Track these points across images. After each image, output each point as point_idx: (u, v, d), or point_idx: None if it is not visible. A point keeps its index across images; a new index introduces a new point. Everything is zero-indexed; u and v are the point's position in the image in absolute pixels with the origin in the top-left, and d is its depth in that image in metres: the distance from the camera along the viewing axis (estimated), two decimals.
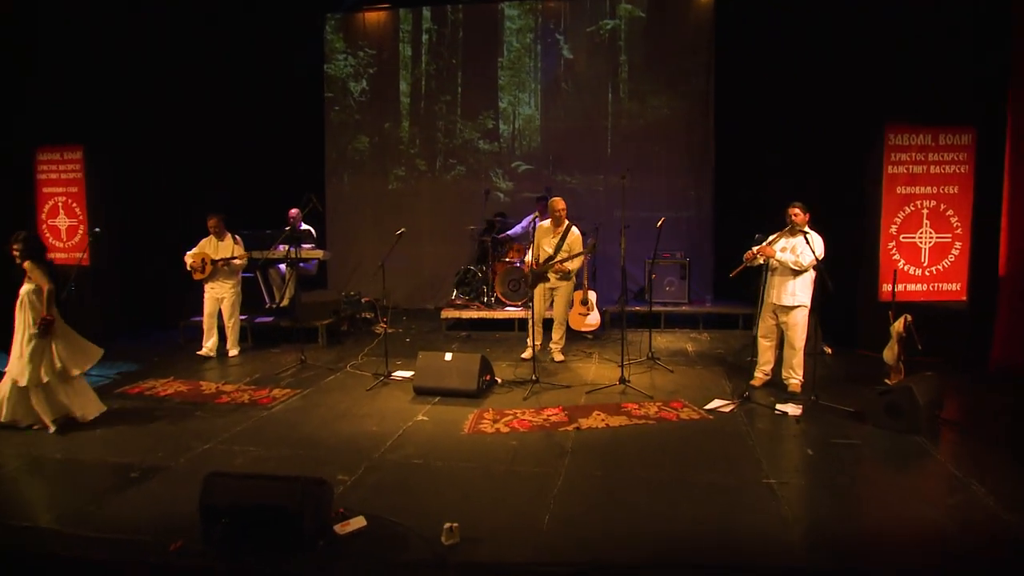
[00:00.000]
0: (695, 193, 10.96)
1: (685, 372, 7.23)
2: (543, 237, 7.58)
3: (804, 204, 6.21)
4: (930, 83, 7.61)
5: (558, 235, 7.54)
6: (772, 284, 6.23)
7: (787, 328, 6.28)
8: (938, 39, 7.55)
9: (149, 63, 9.83)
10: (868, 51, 8.07)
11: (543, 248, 7.56)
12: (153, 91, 9.89)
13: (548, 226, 7.62)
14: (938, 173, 7.73)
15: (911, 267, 7.82)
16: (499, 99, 11.46)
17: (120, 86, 9.66)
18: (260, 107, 11.29)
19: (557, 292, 7.64)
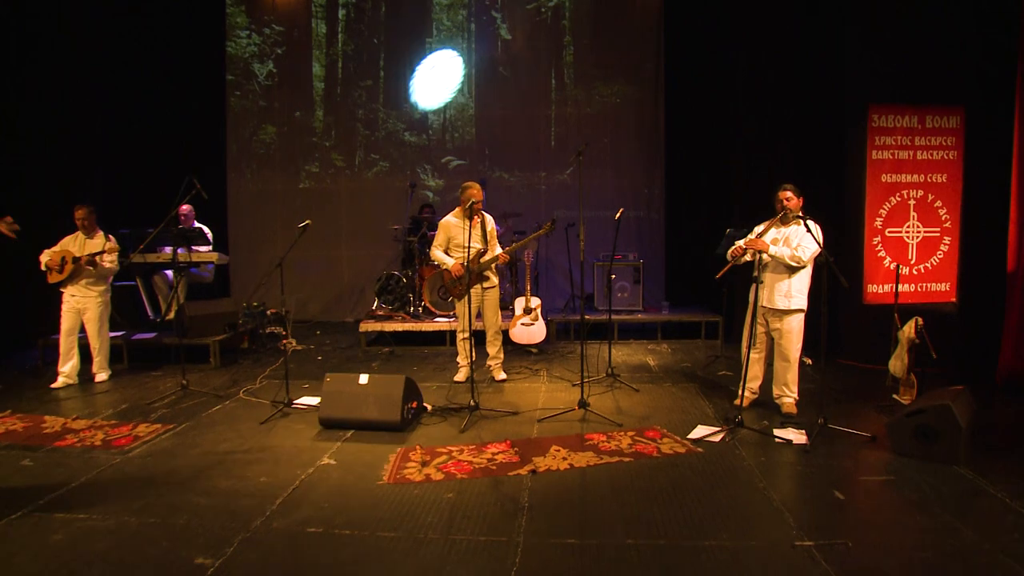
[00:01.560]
0: (647, 190, 9.92)
1: (653, 391, 6.06)
2: (459, 232, 6.29)
3: (796, 186, 5.16)
4: (915, 57, 6.74)
5: (478, 225, 6.27)
6: (761, 284, 5.14)
7: (779, 336, 5.19)
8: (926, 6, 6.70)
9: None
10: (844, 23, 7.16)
11: (458, 244, 6.28)
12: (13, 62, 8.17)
13: (458, 219, 6.32)
14: (925, 159, 6.86)
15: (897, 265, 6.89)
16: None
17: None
18: (150, 88, 9.69)
19: (488, 296, 6.37)
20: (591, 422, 5.14)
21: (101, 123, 9.38)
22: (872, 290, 6.86)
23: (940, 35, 6.66)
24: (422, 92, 10.16)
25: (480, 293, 6.36)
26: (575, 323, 8.34)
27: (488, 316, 6.44)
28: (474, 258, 6.24)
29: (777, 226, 5.19)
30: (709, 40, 8.90)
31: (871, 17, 6.86)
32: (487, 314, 6.44)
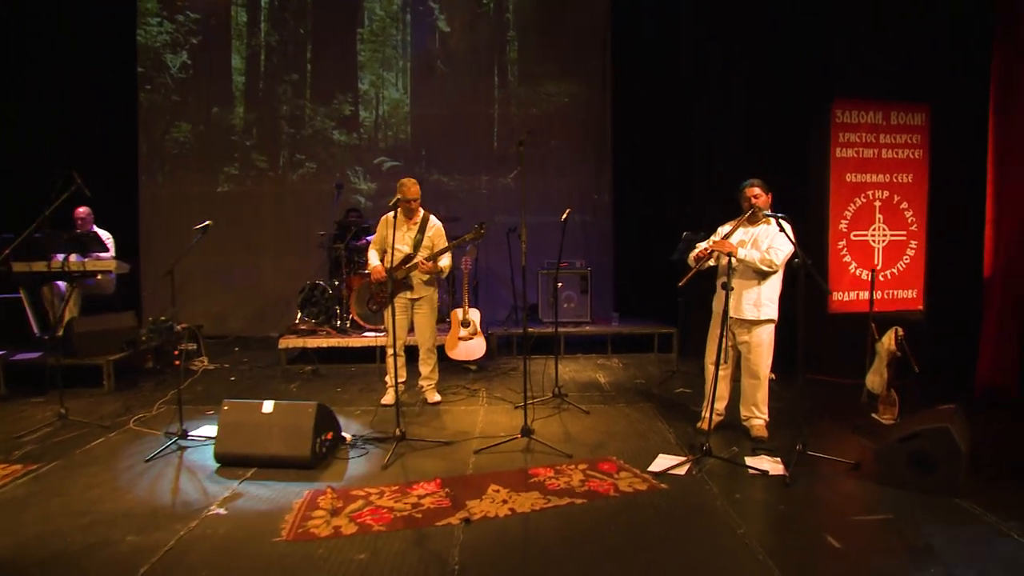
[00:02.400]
0: (596, 194, 9.32)
1: (605, 414, 5.39)
2: (390, 231, 5.57)
3: (764, 182, 4.59)
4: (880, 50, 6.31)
5: (414, 227, 5.57)
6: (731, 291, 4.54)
7: (747, 351, 4.60)
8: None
9: None
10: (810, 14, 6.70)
11: (396, 246, 5.56)
12: None
13: (396, 217, 5.60)
14: (891, 158, 6.41)
15: (863, 271, 6.43)
16: (359, 79, 9.39)
17: None
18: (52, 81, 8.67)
19: (420, 307, 5.63)
20: (536, 452, 4.44)
21: None
22: (838, 298, 6.37)
23: (906, 28, 6.25)
24: (353, 86, 9.37)
25: (408, 305, 5.62)
26: (518, 336, 7.65)
27: (420, 331, 5.70)
28: (398, 264, 5.51)
29: (744, 226, 4.61)
30: (661, 35, 8.39)
31: (837, 7, 6.41)
32: (418, 329, 5.70)
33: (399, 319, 5.62)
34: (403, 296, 5.61)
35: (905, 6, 6.32)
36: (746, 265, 4.43)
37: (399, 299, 5.60)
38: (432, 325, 5.70)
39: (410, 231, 5.58)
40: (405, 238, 5.57)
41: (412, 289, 5.57)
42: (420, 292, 5.59)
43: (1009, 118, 5.32)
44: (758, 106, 6.86)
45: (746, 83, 6.92)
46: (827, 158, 6.32)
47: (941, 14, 6.21)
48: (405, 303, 5.61)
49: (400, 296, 5.61)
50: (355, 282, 7.62)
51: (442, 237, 5.63)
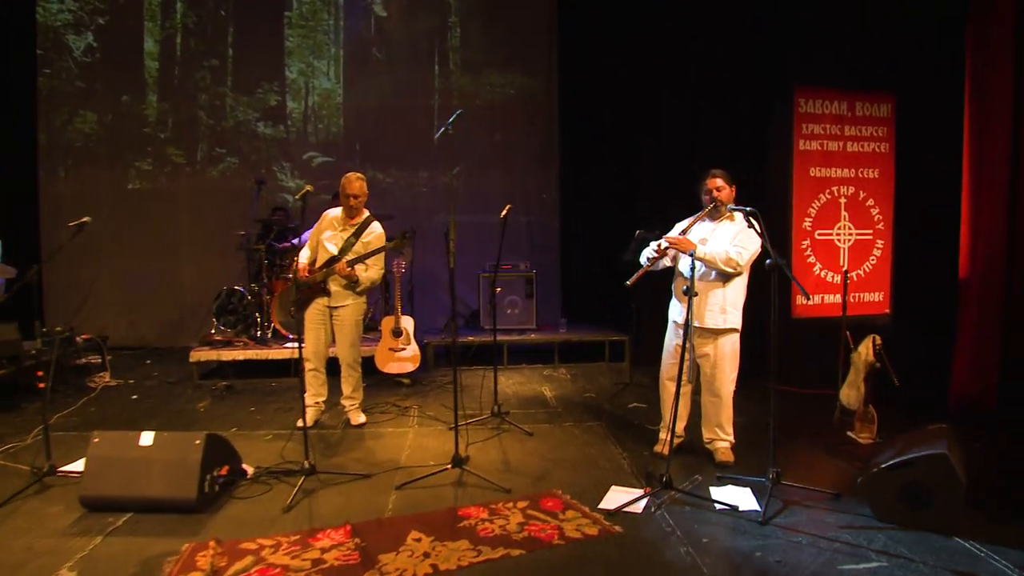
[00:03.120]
0: (542, 192, 8.74)
1: (551, 435, 4.79)
2: (326, 230, 4.92)
3: (728, 172, 4.05)
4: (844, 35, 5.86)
5: (351, 229, 4.91)
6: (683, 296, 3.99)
7: (710, 365, 4.04)
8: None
9: None
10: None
11: (323, 246, 4.89)
12: None
13: (336, 217, 4.96)
14: (856, 152, 5.99)
15: (829, 273, 5.98)
16: (286, 67, 8.62)
17: None
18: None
19: (339, 317, 4.96)
20: (469, 486, 3.80)
21: None
22: (802, 302, 5.90)
23: (871, 11, 5.81)
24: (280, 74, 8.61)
25: (325, 313, 4.93)
26: (458, 345, 6.98)
27: (339, 344, 5.01)
28: (320, 265, 4.84)
29: (705, 220, 4.06)
30: (610, 22, 7.83)
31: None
32: (339, 342, 5.02)
33: (314, 329, 4.94)
34: (320, 303, 4.92)
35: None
36: (707, 265, 3.87)
37: (316, 306, 4.92)
38: (353, 338, 5.02)
39: (344, 232, 4.91)
40: (336, 238, 4.89)
41: (329, 295, 4.89)
42: (340, 300, 4.91)
43: (987, 107, 4.90)
44: (715, 95, 6.35)
45: (702, 70, 6.41)
46: (790, 151, 5.85)
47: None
48: (323, 311, 4.93)
49: (317, 303, 4.93)
50: (277, 287, 6.87)
51: (381, 242, 4.96)
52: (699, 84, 6.50)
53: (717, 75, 6.38)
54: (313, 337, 4.96)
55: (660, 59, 6.71)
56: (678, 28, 6.56)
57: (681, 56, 6.53)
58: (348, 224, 4.89)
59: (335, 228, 4.88)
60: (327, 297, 4.89)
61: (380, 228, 5.00)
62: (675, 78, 6.64)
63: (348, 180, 4.80)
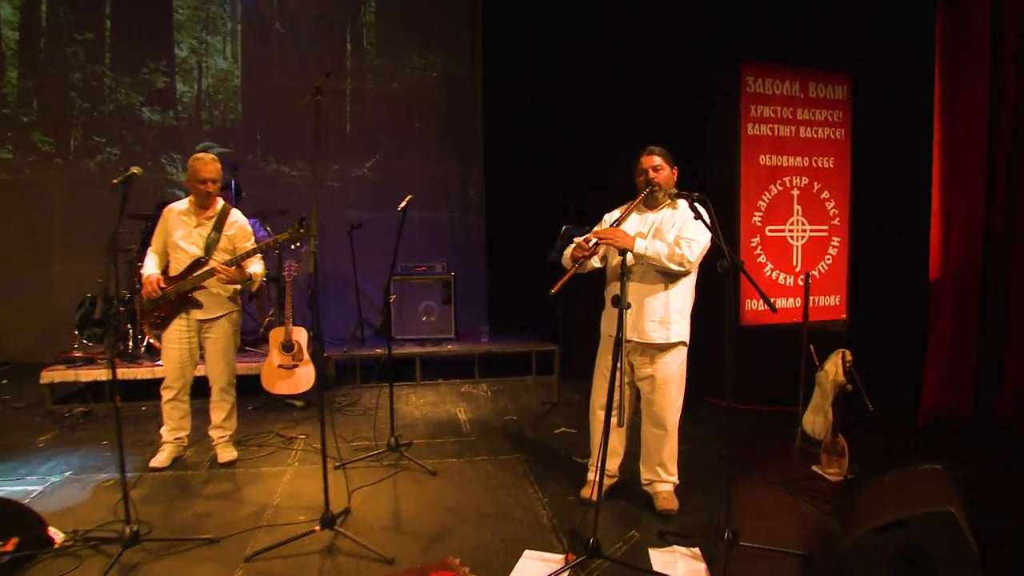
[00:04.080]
0: (471, 190, 7.90)
1: (458, 473, 3.94)
2: (176, 228, 3.98)
3: (667, 151, 3.28)
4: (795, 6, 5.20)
5: (208, 222, 3.98)
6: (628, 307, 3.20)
7: (651, 389, 3.26)
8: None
9: None
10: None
11: (178, 248, 3.95)
12: None
13: (184, 210, 4.02)
14: (809, 138, 5.33)
15: (781, 274, 5.31)
16: (175, 44, 7.56)
17: None
18: None
19: (212, 331, 4.04)
20: (342, 555, 2.92)
21: None
22: (751, 307, 5.21)
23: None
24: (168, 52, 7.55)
25: (192, 329, 3.99)
26: (363, 359, 6.08)
27: (212, 364, 4.09)
28: (183, 271, 3.90)
29: (640, 211, 3.28)
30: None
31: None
32: (210, 361, 4.10)
33: (177, 350, 4.01)
34: (186, 318, 3.97)
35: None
36: (648, 264, 3.09)
37: (180, 322, 3.98)
38: (229, 355, 4.11)
39: (202, 227, 3.96)
40: (194, 236, 3.95)
41: (201, 307, 3.95)
42: (213, 310, 3.99)
43: (960, 89, 4.28)
44: (655, 77, 5.62)
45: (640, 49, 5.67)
46: (737, 136, 5.16)
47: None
48: (189, 327, 3.99)
49: (183, 317, 3.97)
50: None
51: (248, 237, 4.06)
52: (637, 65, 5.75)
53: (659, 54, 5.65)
54: (176, 360, 4.01)
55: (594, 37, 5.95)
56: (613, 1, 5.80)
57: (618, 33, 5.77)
58: (203, 217, 3.96)
59: (187, 224, 3.95)
60: (196, 309, 3.95)
61: (242, 217, 4.08)
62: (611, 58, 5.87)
63: (201, 162, 3.87)
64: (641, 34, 5.70)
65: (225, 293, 3.99)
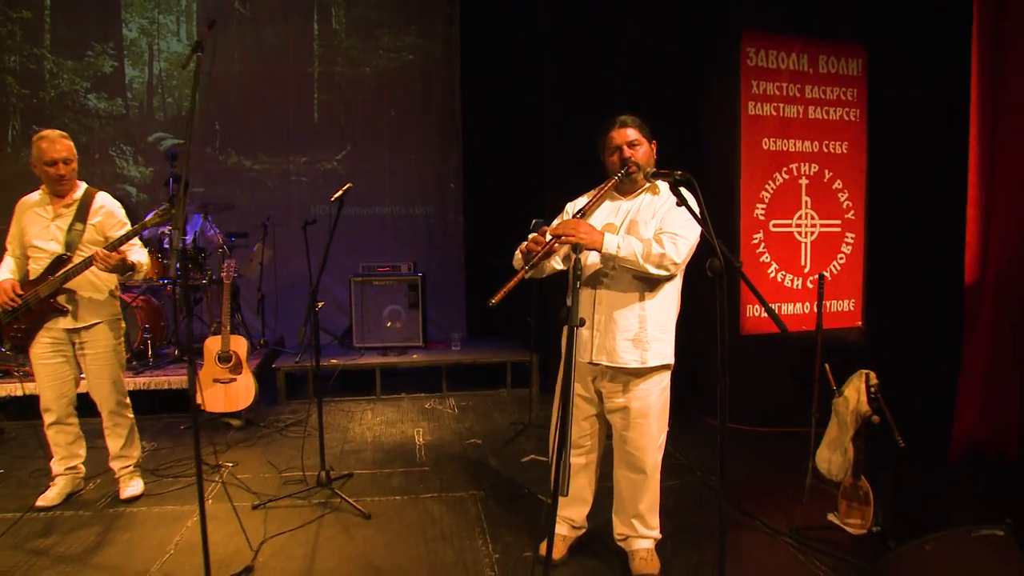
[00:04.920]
0: (439, 178, 7.25)
1: (397, 516, 3.27)
2: (31, 224, 3.32)
3: (644, 122, 2.60)
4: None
5: (68, 212, 3.32)
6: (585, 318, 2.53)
7: (624, 424, 2.57)
8: None
9: None
10: None
11: (36, 248, 3.29)
12: None
13: (37, 201, 3.35)
14: (819, 119, 4.65)
15: (787, 276, 4.63)
16: (123, 24, 6.92)
17: None
18: None
19: (90, 340, 3.39)
20: None
21: None
22: (752, 313, 4.53)
23: None
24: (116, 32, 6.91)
25: (64, 340, 3.34)
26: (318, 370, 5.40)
27: (95, 382, 3.44)
28: (43, 273, 3.25)
29: (612, 197, 2.61)
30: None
31: None
32: (91, 379, 3.45)
33: (50, 366, 3.37)
34: (54, 328, 3.32)
35: None
36: (622, 266, 2.41)
37: (47, 335, 3.32)
38: (113, 370, 3.44)
39: (61, 218, 3.31)
40: (53, 230, 3.29)
41: (67, 313, 3.30)
42: (87, 316, 3.34)
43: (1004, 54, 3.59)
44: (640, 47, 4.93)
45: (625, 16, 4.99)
46: (736, 116, 4.48)
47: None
48: (59, 339, 3.33)
49: (49, 329, 3.32)
50: None
51: (120, 223, 3.39)
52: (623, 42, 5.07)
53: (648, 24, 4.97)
54: (50, 377, 3.37)
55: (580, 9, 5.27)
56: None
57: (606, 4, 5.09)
58: (60, 206, 3.30)
59: (43, 217, 3.30)
60: (64, 317, 3.30)
61: (110, 200, 3.42)
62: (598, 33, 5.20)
63: (48, 141, 3.21)
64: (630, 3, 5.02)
65: (99, 296, 3.34)
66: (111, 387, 3.42)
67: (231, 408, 4.59)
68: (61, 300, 3.28)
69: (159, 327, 5.45)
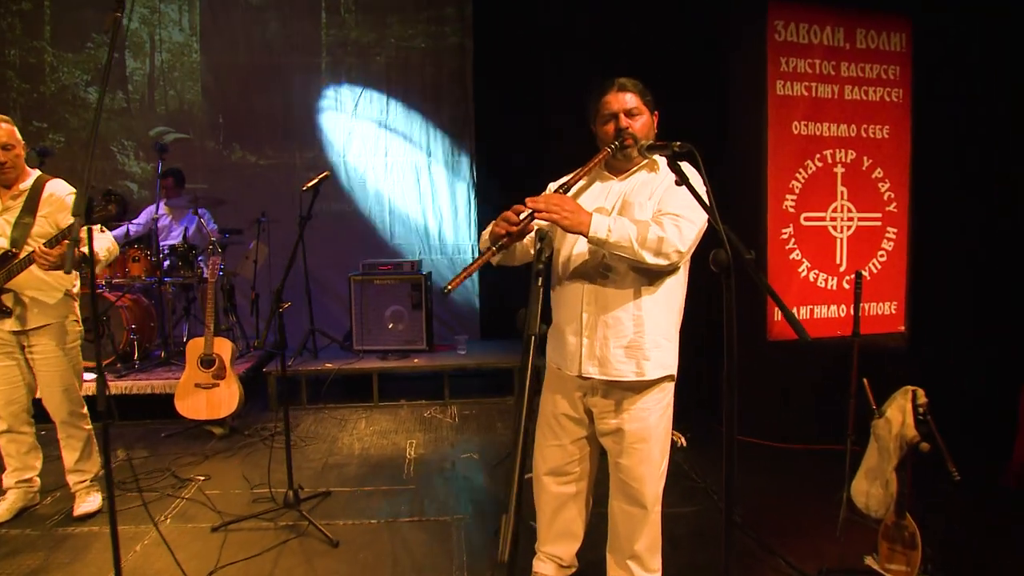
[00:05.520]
0: (467, 174, 6.90)
1: (368, 543, 2.90)
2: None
3: (646, 88, 2.18)
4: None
5: (15, 204, 3.03)
6: (568, 319, 2.13)
7: (617, 449, 2.15)
8: None
9: None
10: None
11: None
12: None
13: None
14: (857, 100, 4.16)
15: (821, 275, 4.16)
16: (124, 13, 6.66)
17: None
18: None
19: (39, 344, 3.08)
20: None
21: None
22: (780, 317, 4.08)
23: None
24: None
25: (11, 344, 3.05)
26: (310, 376, 5.07)
27: (48, 389, 3.14)
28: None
29: (603, 176, 2.21)
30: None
31: None
32: (43, 385, 3.14)
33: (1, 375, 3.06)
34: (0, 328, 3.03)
35: None
36: (614, 253, 2.00)
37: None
38: (65, 376, 3.13)
39: (8, 212, 3.01)
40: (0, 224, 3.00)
41: (11, 314, 2.99)
42: (34, 318, 3.04)
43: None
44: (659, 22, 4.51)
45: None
46: (763, 97, 4.02)
47: None
48: (6, 340, 3.04)
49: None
50: None
51: (65, 211, 3.06)
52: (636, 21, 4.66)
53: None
54: (3, 381, 3.07)
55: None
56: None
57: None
58: (7, 198, 3.00)
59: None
60: (8, 318, 2.99)
61: (64, 188, 3.11)
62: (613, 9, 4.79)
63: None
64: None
65: (48, 296, 3.03)
66: (62, 395, 3.11)
67: (213, 415, 4.28)
68: (6, 300, 2.99)
69: (148, 328, 5.17)
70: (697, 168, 1.71)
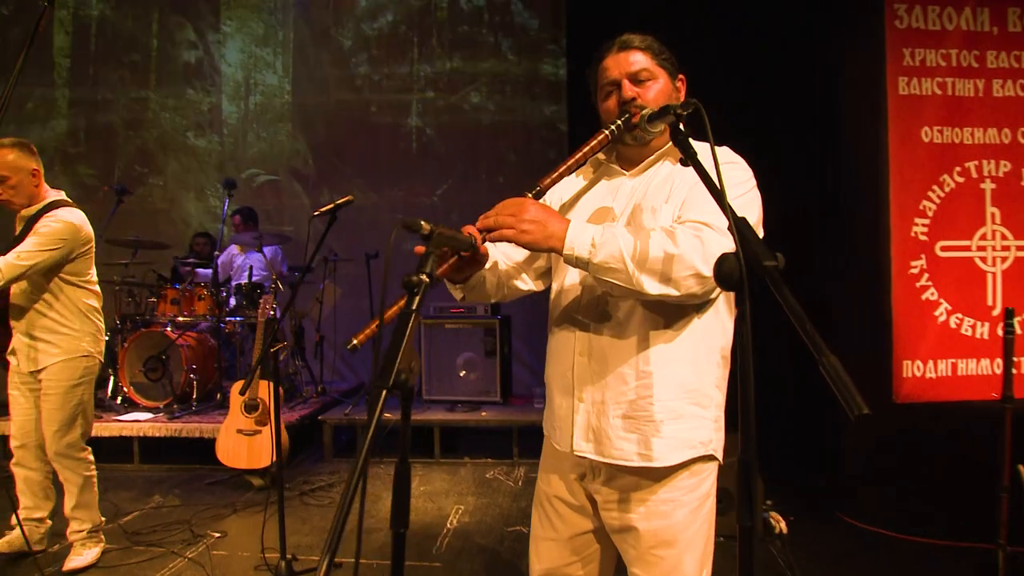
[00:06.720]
0: None
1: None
2: None
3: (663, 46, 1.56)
4: None
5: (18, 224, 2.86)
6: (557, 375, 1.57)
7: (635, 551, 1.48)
8: None
9: None
10: None
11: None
12: None
13: None
14: (1010, 98, 3.31)
15: (966, 319, 3.28)
16: (223, 58, 6.84)
17: None
18: None
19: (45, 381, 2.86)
20: None
21: None
22: (911, 373, 3.22)
23: None
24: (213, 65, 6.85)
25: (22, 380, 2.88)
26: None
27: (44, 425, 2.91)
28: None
29: (610, 172, 1.60)
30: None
31: None
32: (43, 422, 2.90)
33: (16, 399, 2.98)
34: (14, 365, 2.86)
35: None
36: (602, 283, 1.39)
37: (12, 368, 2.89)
38: (62, 414, 2.87)
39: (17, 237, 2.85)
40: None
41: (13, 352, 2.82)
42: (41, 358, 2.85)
43: None
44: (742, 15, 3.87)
45: None
46: (881, 98, 3.26)
47: None
48: (22, 379, 2.87)
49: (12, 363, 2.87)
50: (138, 333, 4.90)
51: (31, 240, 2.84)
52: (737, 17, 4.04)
53: None
54: (18, 413, 2.97)
55: None
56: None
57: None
58: (19, 220, 2.86)
59: None
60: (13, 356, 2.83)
61: (66, 216, 2.85)
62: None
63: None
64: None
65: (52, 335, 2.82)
66: (55, 433, 2.85)
67: (254, 464, 3.95)
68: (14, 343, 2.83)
69: (210, 368, 5.00)
70: (704, 131, 1.11)
